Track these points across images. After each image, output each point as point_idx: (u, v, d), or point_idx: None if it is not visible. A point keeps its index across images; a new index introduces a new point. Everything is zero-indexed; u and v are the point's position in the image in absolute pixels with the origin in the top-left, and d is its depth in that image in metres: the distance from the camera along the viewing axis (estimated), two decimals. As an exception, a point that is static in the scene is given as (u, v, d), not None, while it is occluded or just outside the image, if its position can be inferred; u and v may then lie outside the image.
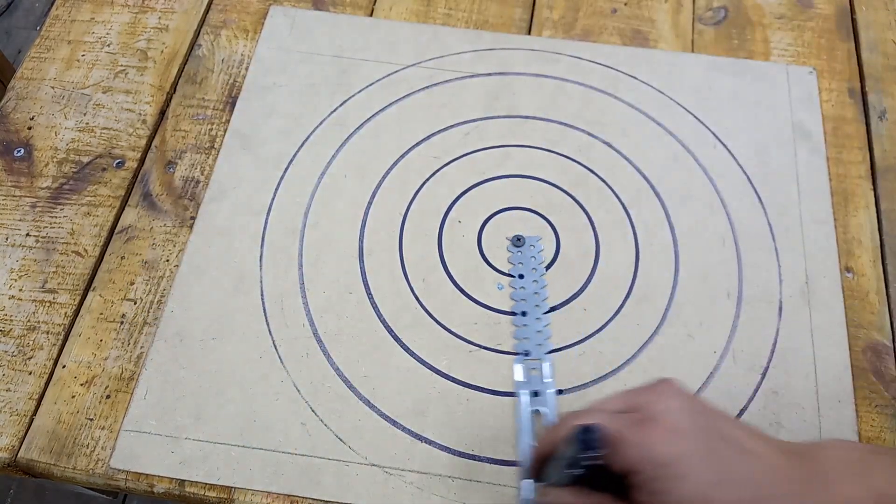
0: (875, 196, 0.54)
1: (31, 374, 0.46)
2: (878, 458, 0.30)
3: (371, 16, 0.62)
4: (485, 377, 0.46)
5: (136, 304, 0.48)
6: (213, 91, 0.57)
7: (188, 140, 0.55)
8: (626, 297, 0.49)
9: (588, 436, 0.30)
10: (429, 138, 0.55)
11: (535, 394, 0.45)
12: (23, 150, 0.54)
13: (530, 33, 0.61)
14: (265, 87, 0.57)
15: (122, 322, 0.48)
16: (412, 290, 0.49)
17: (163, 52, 0.59)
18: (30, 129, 0.55)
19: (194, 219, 0.51)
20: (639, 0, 0.63)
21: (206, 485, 0.43)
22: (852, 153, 0.55)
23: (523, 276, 0.49)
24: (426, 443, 0.44)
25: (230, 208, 0.52)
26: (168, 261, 0.50)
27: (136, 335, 0.47)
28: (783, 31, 0.61)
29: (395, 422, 0.44)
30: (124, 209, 0.52)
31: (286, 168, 0.54)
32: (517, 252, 0.50)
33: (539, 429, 0.44)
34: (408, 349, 0.47)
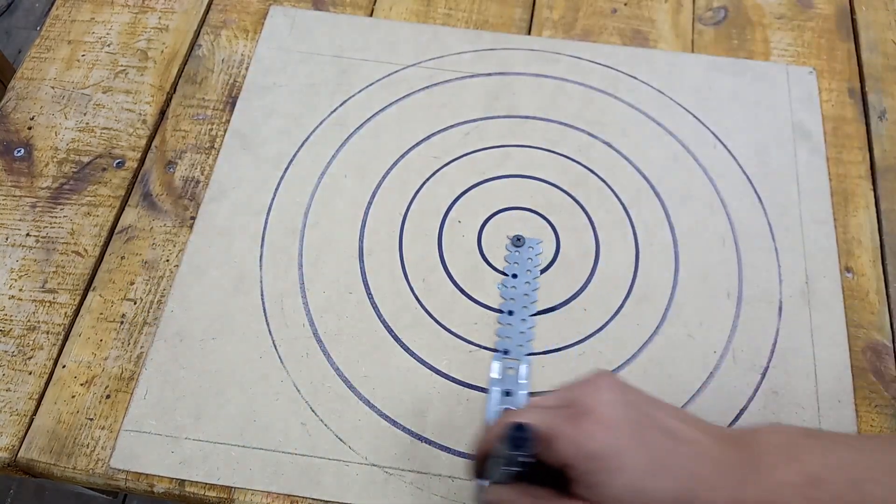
0: (875, 196, 0.54)
1: (31, 373, 0.46)
2: (812, 442, 0.30)
3: (371, 16, 0.62)
4: (485, 377, 0.46)
5: (136, 304, 0.48)
6: (213, 91, 0.57)
7: (188, 140, 0.55)
8: (626, 297, 0.49)
9: (519, 434, 0.30)
10: (429, 138, 0.55)
11: (508, 393, 0.45)
12: (23, 150, 0.54)
13: (530, 33, 0.61)
14: (265, 87, 0.57)
15: (122, 322, 0.48)
16: (412, 290, 0.49)
17: (163, 52, 0.59)
18: (30, 129, 0.55)
19: (194, 219, 0.51)
20: (639, 0, 0.63)
21: (206, 485, 0.43)
22: (852, 153, 0.55)
23: (517, 276, 0.49)
24: (426, 443, 0.44)
25: (230, 208, 0.52)
26: (168, 261, 0.50)
27: (136, 335, 0.47)
28: (783, 31, 0.61)
29: (395, 422, 0.44)
30: (124, 209, 0.52)
31: (286, 168, 0.54)
32: (515, 251, 0.50)
33: None
34: (408, 349, 0.47)
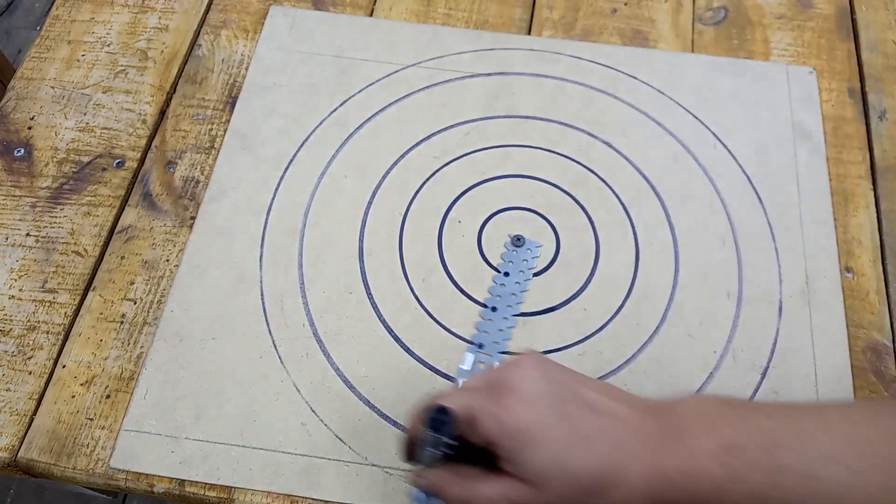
0: (875, 196, 0.54)
1: (31, 373, 0.46)
2: (729, 411, 0.31)
3: (371, 16, 0.62)
4: (485, 377, 0.46)
5: (136, 304, 0.48)
6: (213, 91, 0.57)
7: (188, 140, 0.55)
8: (626, 296, 0.49)
9: (439, 416, 0.30)
10: (429, 138, 0.55)
11: None
12: (23, 150, 0.54)
13: (530, 33, 0.61)
14: (265, 87, 0.57)
15: (122, 322, 0.48)
16: (412, 290, 0.49)
17: (163, 52, 0.59)
18: (30, 129, 0.55)
19: (194, 219, 0.51)
20: (639, 0, 0.63)
21: (206, 485, 0.43)
22: (852, 153, 0.55)
23: (509, 275, 0.50)
24: (426, 443, 0.44)
25: (230, 208, 0.52)
26: (168, 261, 0.50)
27: (136, 335, 0.47)
28: (783, 31, 0.61)
29: (395, 422, 0.44)
30: (124, 209, 0.52)
31: (286, 168, 0.54)
32: (512, 251, 0.50)
33: None
34: (408, 349, 0.47)
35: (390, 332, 0.47)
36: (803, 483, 0.27)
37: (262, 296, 0.48)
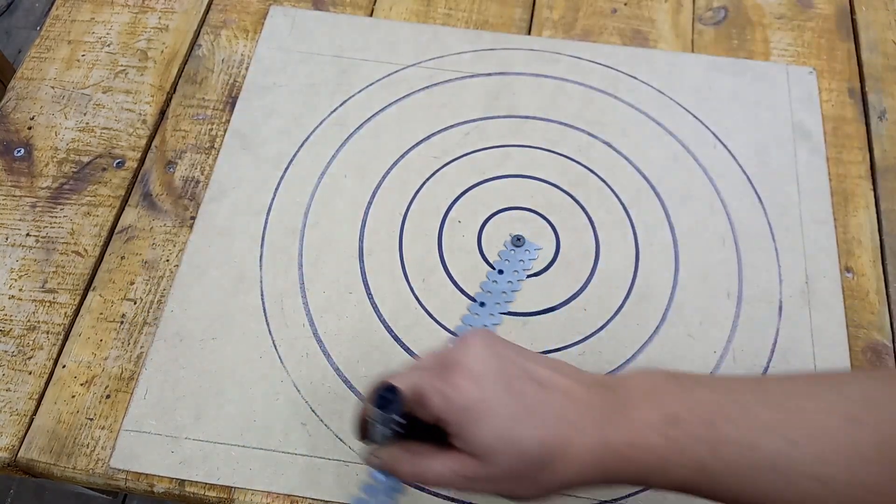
0: (875, 196, 0.54)
1: (31, 373, 0.46)
2: (674, 384, 0.31)
3: (371, 16, 0.62)
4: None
5: (136, 304, 0.48)
6: (213, 91, 0.57)
7: (188, 140, 0.55)
8: (626, 296, 0.49)
9: (387, 395, 0.31)
10: (429, 138, 0.55)
11: None
12: (23, 150, 0.54)
13: (530, 33, 0.61)
14: (265, 87, 0.57)
15: (122, 322, 0.48)
16: (412, 290, 0.49)
17: (163, 52, 0.59)
18: (30, 129, 0.55)
19: (194, 219, 0.51)
20: (639, 0, 0.63)
21: (206, 485, 0.43)
22: (852, 153, 0.55)
23: (503, 273, 0.50)
24: (426, 443, 0.44)
25: (230, 208, 0.52)
26: (168, 261, 0.50)
27: (136, 335, 0.47)
28: (783, 31, 0.61)
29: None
30: (124, 209, 0.52)
31: (286, 168, 0.54)
32: (511, 250, 0.50)
33: None
34: (408, 349, 0.47)
35: (390, 332, 0.47)
36: (742, 453, 0.28)
37: (262, 296, 0.48)
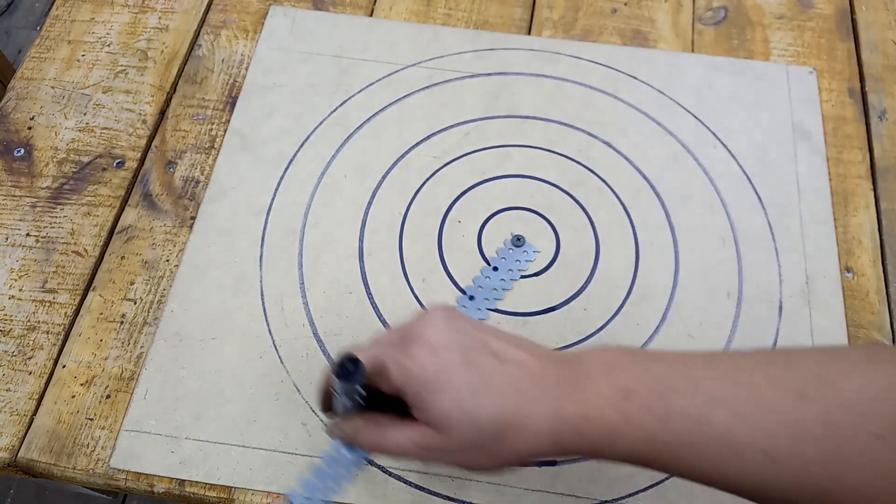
0: (875, 196, 0.54)
1: (31, 374, 0.46)
2: (629, 359, 0.32)
3: (371, 16, 0.62)
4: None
5: (136, 304, 0.48)
6: (213, 91, 0.57)
7: (188, 140, 0.55)
8: (626, 296, 0.49)
9: (347, 365, 0.31)
10: (429, 138, 0.55)
11: None
12: (23, 150, 0.54)
13: (530, 33, 0.61)
14: (265, 87, 0.57)
15: (122, 322, 0.48)
16: (412, 290, 0.49)
17: (163, 52, 0.59)
18: (30, 129, 0.55)
19: (194, 219, 0.51)
20: (639, 0, 0.63)
21: (206, 485, 0.43)
22: (852, 153, 0.55)
23: (497, 270, 0.50)
24: (426, 443, 0.44)
25: (230, 208, 0.52)
26: (168, 261, 0.50)
27: (136, 335, 0.47)
28: (783, 31, 0.61)
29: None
30: (124, 209, 0.52)
31: (286, 168, 0.54)
32: (509, 248, 0.50)
33: None
34: (408, 349, 0.47)
35: (390, 332, 0.47)
36: (691, 426, 0.29)
37: (262, 296, 0.48)
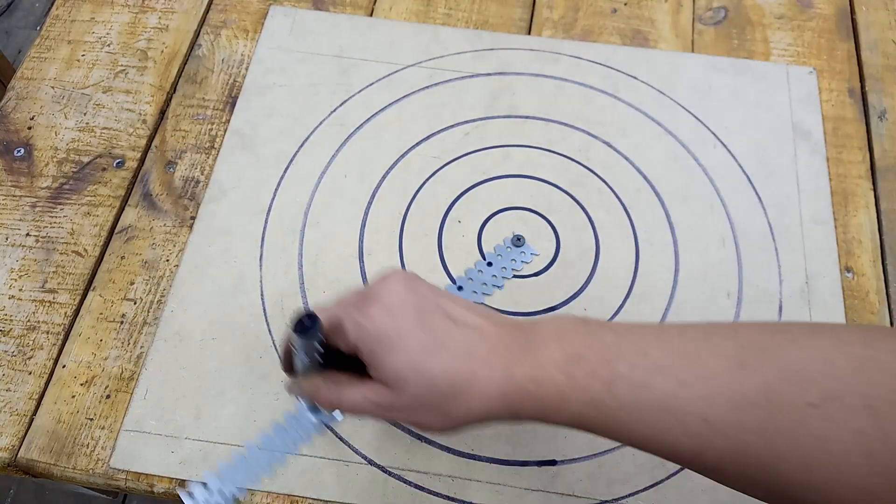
0: (875, 196, 0.54)
1: (31, 373, 0.46)
2: (581, 327, 0.32)
3: (371, 16, 0.62)
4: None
5: (136, 303, 0.48)
6: (213, 91, 0.57)
7: (188, 140, 0.55)
8: (626, 296, 0.49)
9: (304, 321, 0.32)
10: (429, 138, 0.55)
11: None
12: (23, 150, 0.54)
13: (530, 33, 0.61)
14: (265, 87, 0.57)
15: (122, 322, 0.48)
16: (412, 290, 0.49)
17: (163, 52, 0.59)
18: (30, 128, 0.55)
19: (194, 219, 0.51)
20: (639, 0, 0.63)
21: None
22: (852, 153, 0.55)
23: (491, 265, 0.50)
24: (426, 443, 0.44)
25: (230, 208, 0.52)
26: (168, 261, 0.50)
27: (136, 335, 0.47)
28: (783, 31, 0.61)
29: (394, 422, 0.44)
30: (124, 209, 0.52)
31: (286, 168, 0.54)
32: (507, 247, 0.51)
33: None
34: (408, 349, 0.47)
35: (390, 332, 0.47)
36: (635, 392, 0.29)
37: (262, 296, 0.48)
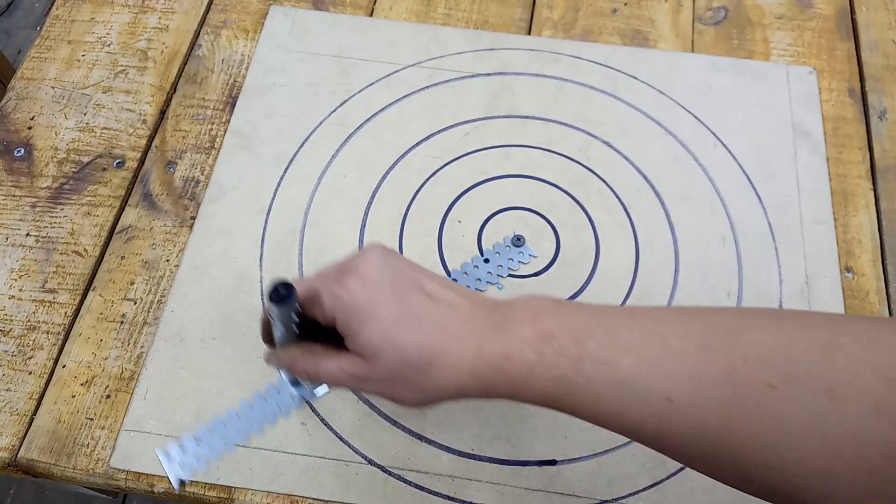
0: (875, 196, 0.54)
1: (31, 373, 0.46)
2: (554, 307, 0.33)
3: (371, 16, 0.62)
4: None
5: (136, 303, 0.48)
6: (213, 91, 0.57)
7: (188, 140, 0.55)
8: (626, 296, 0.49)
9: (280, 289, 0.32)
10: (429, 138, 0.55)
11: None
12: (23, 150, 0.54)
13: (530, 33, 0.61)
14: (265, 87, 0.57)
15: (122, 322, 0.48)
16: (412, 290, 0.49)
17: (163, 52, 0.59)
18: (30, 129, 0.55)
19: (194, 219, 0.51)
20: (639, 0, 0.63)
21: (206, 485, 0.43)
22: (852, 153, 0.55)
23: (488, 262, 0.50)
24: (426, 442, 0.44)
25: (230, 208, 0.52)
26: (168, 261, 0.50)
27: (136, 335, 0.47)
28: (783, 31, 0.61)
29: (395, 421, 0.44)
30: (124, 209, 0.52)
31: (286, 168, 0.54)
32: (507, 245, 0.51)
33: None
34: (408, 349, 0.47)
35: (390, 332, 0.47)
36: (601, 369, 0.30)
37: (262, 296, 0.48)
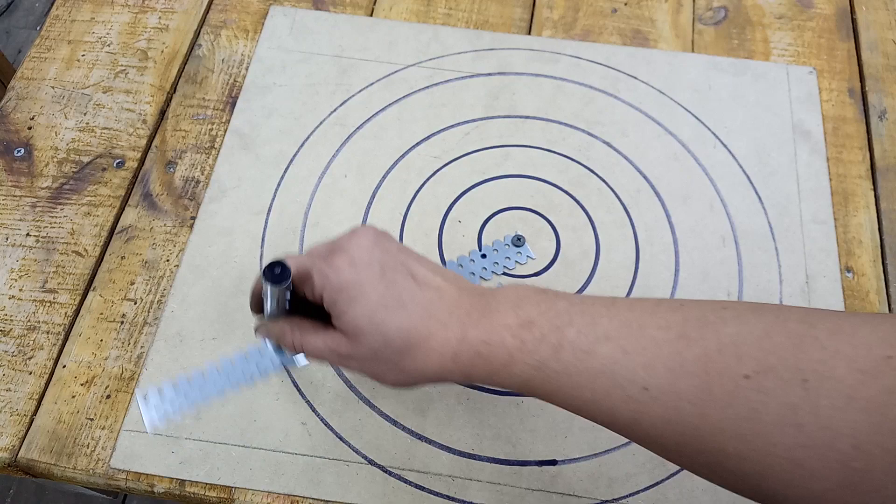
0: (875, 196, 0.54)
1: (31, 373, 0.46)
2: (538, 296, 0.33)
3: (371, 16, 0.62)
4: (485, 377, 0.46)
5: (136, 303, 0.48)
6: (213, 91, 0.57)
7: (188, 140, 0.55)
8: (627, 296, 0.49)
9: (274, 268, 0.33)
10: (429, 138, 0.55)
11: None
12: (23, 150, 0.54)
13: (530, 33, 0.61)
14: (265, 87, 0.57)
15: (122, 322, 0.48)
16: (412, 290, 0.49)
17: (163, 52, 0.59)
18: (30, 129, 0.55)
19: (194, 219, 0.51)
20: (639, 0, 0.63)
21: (207, 485, 0.43)
22: (852, 153, 0.55)
23: (485, 257, 0.50)
24: (426, 442, 0.44)
25: (230, 208, 0.52)
26: (168, 261, 0.50)
27: (137, 335, 0.47)
28: (783, 31, 0.61)
29: (395, 421, 0.44)
30: (124, 209, 0.52)
31: (286, 168, 0.54)
32: (506, 244, 0.51)
33: None
34: (408, 349, 0.47)
35: (390, 332, 0.47)
36: (579, 357, 0.31)
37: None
